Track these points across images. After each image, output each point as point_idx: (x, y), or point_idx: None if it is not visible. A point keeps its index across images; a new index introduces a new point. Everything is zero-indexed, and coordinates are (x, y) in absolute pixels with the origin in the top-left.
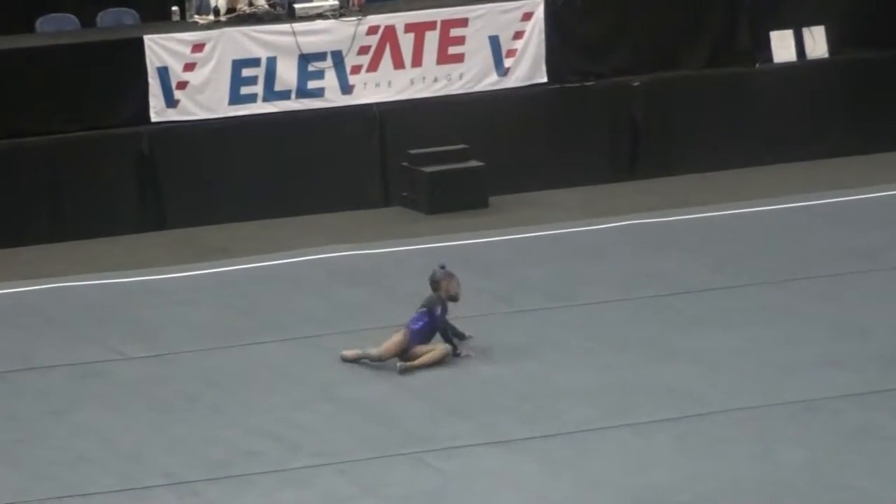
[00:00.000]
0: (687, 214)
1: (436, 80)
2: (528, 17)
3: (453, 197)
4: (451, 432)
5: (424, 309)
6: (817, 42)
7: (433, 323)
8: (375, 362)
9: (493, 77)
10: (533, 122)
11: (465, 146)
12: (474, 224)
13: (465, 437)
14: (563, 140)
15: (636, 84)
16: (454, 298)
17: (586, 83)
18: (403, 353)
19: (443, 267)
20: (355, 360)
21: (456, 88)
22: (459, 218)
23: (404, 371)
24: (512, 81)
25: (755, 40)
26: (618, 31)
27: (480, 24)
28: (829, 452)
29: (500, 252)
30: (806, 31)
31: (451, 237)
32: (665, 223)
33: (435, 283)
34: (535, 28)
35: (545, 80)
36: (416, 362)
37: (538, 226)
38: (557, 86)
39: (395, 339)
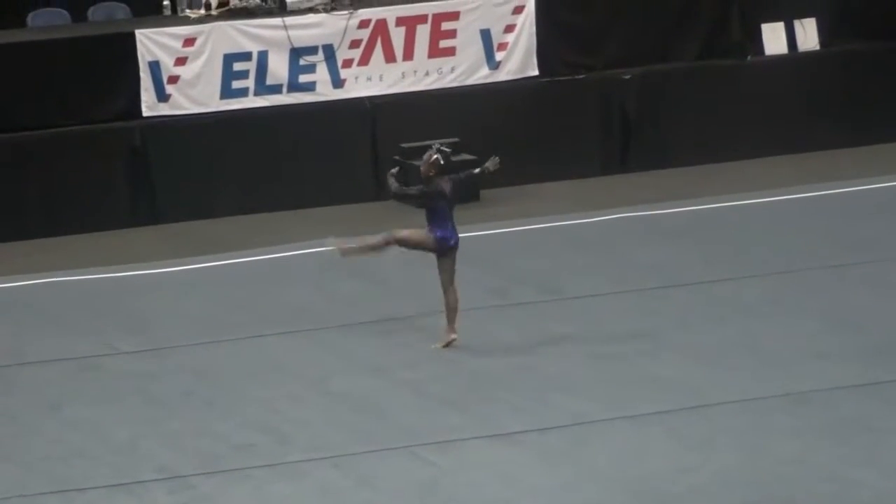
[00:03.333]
0: (679, 207)
1: (427, 73)
2: (519, 10)
3: None
4: (445, 425)
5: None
6: (808, 34)
7: (445, 204)
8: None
9: (485, 70)
10: (524, 115)
11: (457, 139)
12: (466, 217)
13: (459, 429)
14: (554, 133)
15: (627, 77)
16: (424, 175)
17: (577, 76)
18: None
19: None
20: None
21: (447, 82)
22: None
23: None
24: (503, 75)
25: (746, 33)
26: (609, 23)
27: (472, 17)
28: (822, 444)
29: (493, 245)
30: (797, 24)
31: None
32: (657, 216)
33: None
34: (527, 21)
35: (536, 73)
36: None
37: (530, 219)
38: (549, 79)
39: (416, 238)
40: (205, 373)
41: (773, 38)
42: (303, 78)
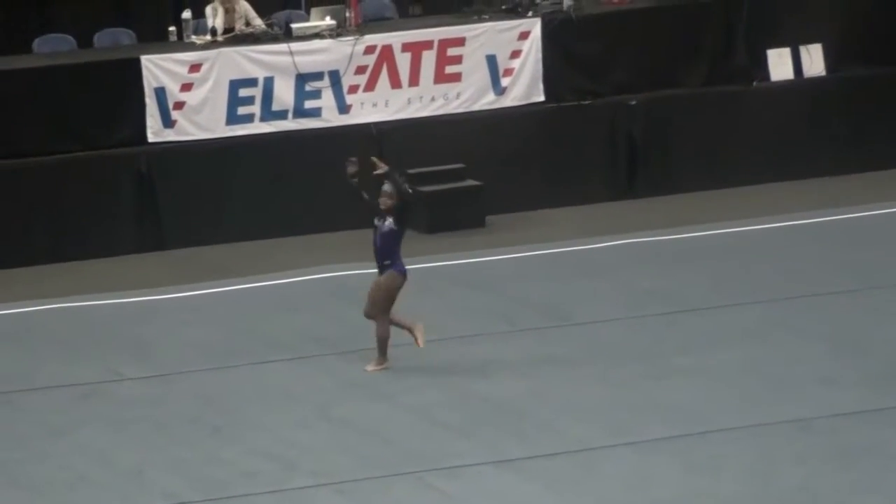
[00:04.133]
0: (685, 233)
1: (433, 99)
2: (525, 35)
3: (451, 216)
4: (451, 452)
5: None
6: (814, 60)
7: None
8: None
9: (491, 96)
10: (530, 141)
11: (463, 165)
12: (472, 243)
13: (465, 456)
14: (560, 159)
15: (633, 103)
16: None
17: (583, 102)
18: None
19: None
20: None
21: (453, 108)
22: (457, 237)
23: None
24: (509, 100)
25: (752, 58)
26: (615, 49)
27: (478, 43)
28: (828, 470)
29: (499, 271)
30: (803, 49)
31: (449, 256)
32: (664, 241)
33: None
34: (533, 47)
35: (542, 98)
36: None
37: (536, 244)
38: (555, 104)
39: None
40: (211, 399)
41: (779, 64)
42: (308, 104)
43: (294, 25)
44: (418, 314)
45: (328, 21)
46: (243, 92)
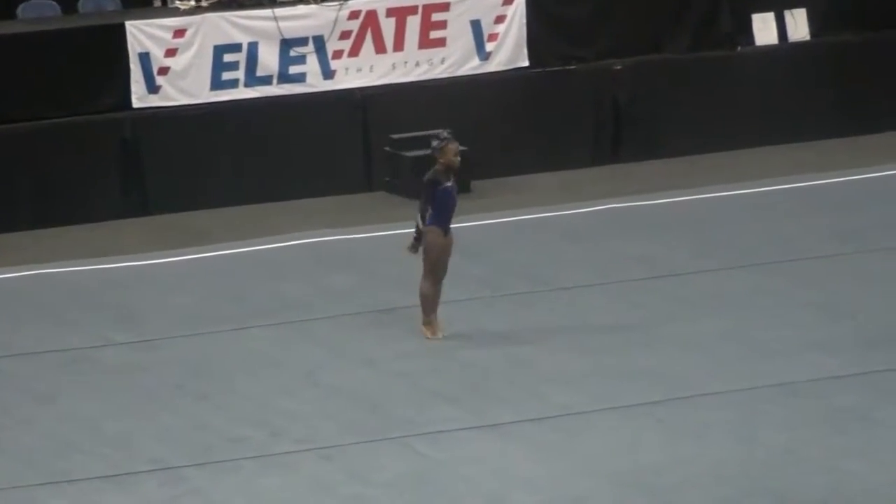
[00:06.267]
0: (670, 198)
1: (417, 64)
2: (509, 1)
3: None
4: (437, 417)
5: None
6: (799, 24)
7: (445, 198)
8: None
9: (475, 61)
10: (515, 106)
11: (448, 130)
12: (457, 208)
13: (451, 421)
14: (545, 124)
15: (618, 68)
16: (453, 166)
17: (568, 67)
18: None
19: (439, 137)
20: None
21: (438, 73)
22: None
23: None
24: (494, 66)
25: (737, 23)
26: (600, 14)
27: (462, 8)
28: (814, 435)
29: (484, 236)
30: (787, 14)
31: None
32: (649, 206)
33: (435, 152)
34: (517, 12)
35: (527, 64)
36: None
37: (520, 210)
38: (539, 70)
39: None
40: (196, 365)
41: (764, 29)
42: (293, 69)
43: None
44: (403, 279)
45: None
46: (228, 57)
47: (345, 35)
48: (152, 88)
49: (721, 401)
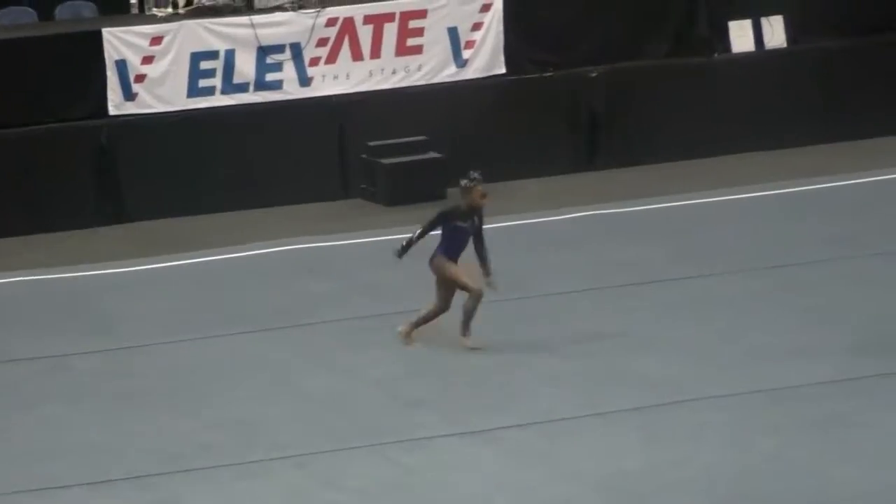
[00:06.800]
0: (648, 205)
1: (394, 71)
2: (486, 8)
3: (412, 188)
4: (414, 423)
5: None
6: (776, 31)
7: (455, 235)
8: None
9: (452, 68)
10: (492, 113)
11: (424, 138)
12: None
13: (428, 427)
14: (522, 131)
15: (595, 74)
16: (477, 208)
17: (545, 74)
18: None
19: (468, 177)
20: (411, 331)
21: (415, 80)
22: (418, 209)
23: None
24: (471, 73)
25: (714, 30)
26: (577, 21)
27: (439, 15)
28: (801, 440)
29: None
30: (764, 21)
31: (410, 229)
32: (627, 213)
33: (461, 192)
34: (494, 19)
35: (504, 71)
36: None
37: (498, 216)
38: (516, 77)
39: (443, 275)
40: (172, 372)
41: (741, 36)
42: (270, 76)
43: None
44: (379, 287)
45: None
46: (204, 65)
47: (322, 42)
48: (129, 96)
49: (709, 406)
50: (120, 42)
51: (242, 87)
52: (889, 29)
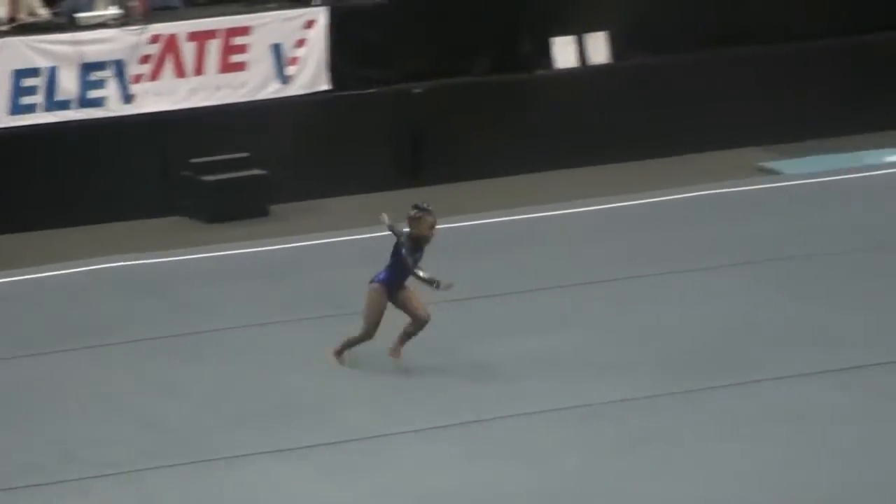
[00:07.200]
0: (470, 221)
1: (218, 88)
2: (310, 24)
3: (234, 205)
4: (231, 442)
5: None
6: (599, 48)
7: (401, 263)
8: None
9: (276, 85)
10: (316, 129)
11: (248, 154)
12: (255, 232)
13: (245, 446)
14: (346, 147)
15: (419, 91)
16: (424, 240)
17: (369, 90)
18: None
19: (418, 207)
20: (342, 352)
21: (238, 96)
22: (241, 226)
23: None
24: (294, 89)
25: (537, 46)
26: (400, 38)
27: (263, 32)
28: (609, 456)
29: (283, 260)
30: (588, 37)
31: (231, 246)
32: (448, 230)
33: (409, 221)
34: (318, 36)
35: (328, 87)
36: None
37: (319, 233)
38: (340, 93)
39: (373, 305)
40: None
41: (564, 52)
42: (92, 93)
43: (79, 15)
44: (200, 304)
45: (114, 10)
46: (26, 82)
47: (145, 59)
48: None
49: (515, 424)
50: None
51: (65, 105)
52: (706, 47)
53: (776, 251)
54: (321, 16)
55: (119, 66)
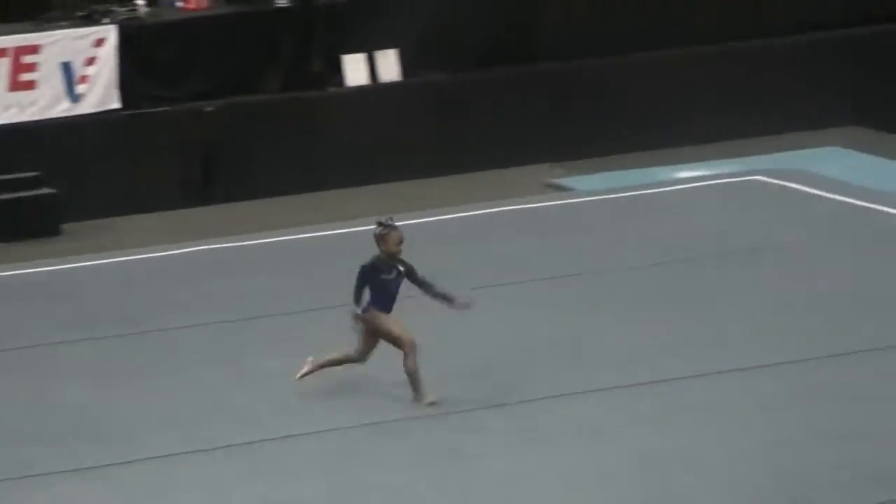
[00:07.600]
0: (268, 238)
1: (7, 107)
2: (100, 43)
3: (23, 225)
4: (24, 459)
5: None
6: (390, 65)
7: (385, 286)
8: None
9: (66, 103)
10: (107, 148)
11: (37, 173)
12: (47, 251)
13: (37, 464)
14: (137, 166)
15: (210, 109)
16: (395, 256)
17: (160, 109)
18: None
19: (382, 223)
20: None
21: (28, 115)
22: (30, 246)
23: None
24: (85, 107)
25: (328, 64)
26: (191, 56)
27: (53, 50)
28: (403, 473)
29: (75, 279)
30: (379, 55)
31: (21, 265)
32: (241, 247)
33: (375, 239)
34: (108, 54)
35: (118, 105)
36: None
37: (111, 252)
38: (132, 111)
39: (383, 326)
40: None
41: (355, 70)
42: None
43: None
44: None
45: None
46: None
47: None
48: None
49: (311, 442)
50: None
51: None
52: (497, 64)
53: (566, 268)
54: (111, 34)
55: None
